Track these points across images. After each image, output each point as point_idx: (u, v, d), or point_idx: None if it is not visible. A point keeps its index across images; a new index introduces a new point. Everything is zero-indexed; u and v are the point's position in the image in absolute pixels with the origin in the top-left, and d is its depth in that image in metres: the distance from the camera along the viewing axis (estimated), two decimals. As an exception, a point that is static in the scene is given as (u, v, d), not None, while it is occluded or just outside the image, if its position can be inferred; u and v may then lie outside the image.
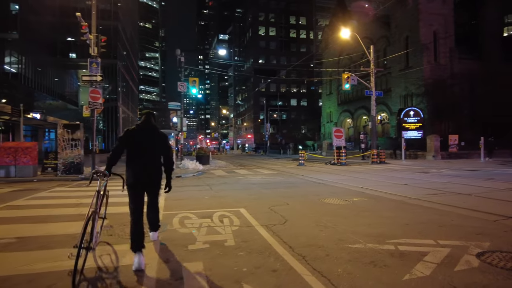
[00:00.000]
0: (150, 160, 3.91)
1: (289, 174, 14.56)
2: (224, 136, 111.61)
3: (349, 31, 22.84)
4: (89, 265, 3.33)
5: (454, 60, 32.07)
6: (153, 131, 4.08)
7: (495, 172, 13.49)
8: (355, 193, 8.43)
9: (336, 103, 50.75)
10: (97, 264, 3.51)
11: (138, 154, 3.85)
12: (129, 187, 3.78)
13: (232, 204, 6.81)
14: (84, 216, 3.52)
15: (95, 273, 3.30)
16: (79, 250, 3.01)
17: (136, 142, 3.89)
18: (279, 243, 4.08)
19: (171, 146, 4.44)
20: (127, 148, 3.88)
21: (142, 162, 3.86)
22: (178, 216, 5.66)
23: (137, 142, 3.89)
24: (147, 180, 3.88)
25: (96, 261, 3.58)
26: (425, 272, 3.13)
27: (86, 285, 3.04)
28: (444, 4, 32.31)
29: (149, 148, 3.94)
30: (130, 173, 3.82)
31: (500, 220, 5.21)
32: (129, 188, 3.78)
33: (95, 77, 14.38)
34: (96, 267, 3.43)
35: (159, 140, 4.05)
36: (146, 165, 3.86)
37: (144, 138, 3.96)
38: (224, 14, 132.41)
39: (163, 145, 4.07)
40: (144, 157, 3.88)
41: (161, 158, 4.09)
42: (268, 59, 79.45)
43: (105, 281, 3.14)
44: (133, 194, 3.78)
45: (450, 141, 25.14)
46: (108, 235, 4.55)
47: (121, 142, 3.87)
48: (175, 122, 22.71)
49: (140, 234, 3.62)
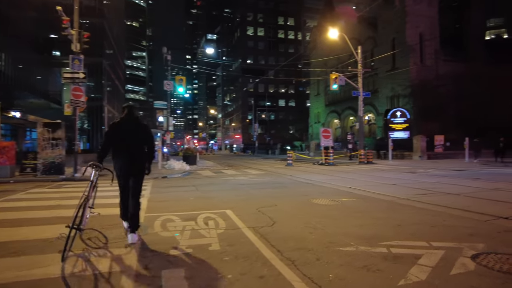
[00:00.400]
0: (135, 151, 4.30)
1: (277, 174, 14.39)
2: (212, 136, 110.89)
3: (337, 32, 22.86)
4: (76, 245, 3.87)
5: (440, 61, 32.56)
6: (136, 123, 4.43)
7: (480, 172, 13.62)
8: (344, 193, 8.30)
9: (324, 104, 50.97)
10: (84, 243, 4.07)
11: (124, 146, 4.24)
12: (118, 176, 4.31)
13: (218, 206, 6.54)
14: (63, 219, 4.32)
15: (81, 250, 3.83)
16: (71, 229, 3.54)
17: (121, 135, 4.26)
18: (267, 246, 3.86)
19: (153, 135, 4.81)
20: (114, 141, 4.26)
21: (128, 153, 4.25)
22: (160, 219, 5.37)
23: (123, 135, 4.26)
24: (133, 169, 4.28)
25: (83, 241, 4.11)
26: (420, 276, 2.96)
27: (74, 260, 3.54)
28: (430, 6, 32.77)
29: (134, 139, 4.31)
30: (117, 164, 4.26)
31: (491, 220, 5.13)
32: (118, 178, 4.32)
33: (77, 74, 13.88)
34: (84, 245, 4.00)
35: (142, 131, 4.42)
36: (131, 156, 4.25)
37: (128, 130, 4.31)
38: (212, 13, 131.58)
39: (146, 135, 4.45)
40: (130, 148, 4.26)
41: (145, 148, 4.44)
42: (257, 59, 79.33)
43: (89, 257, 3.66)
44: (121, 182, 4.33)
45: (436, 141, 25.45)
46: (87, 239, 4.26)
47: (108, 137, 4.27)
48: (161, 121, 22.28)
49: (126, 209, 4.30)
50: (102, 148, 4.27)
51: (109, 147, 4.27)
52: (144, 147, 4.43)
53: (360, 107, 22.56)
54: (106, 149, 4.26)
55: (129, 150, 4.25)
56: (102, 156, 4.17)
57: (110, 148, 4.27)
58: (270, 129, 71.13)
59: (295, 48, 78.92)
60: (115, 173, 4.31)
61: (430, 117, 27.62)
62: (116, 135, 4.26)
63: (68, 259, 3.50)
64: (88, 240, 4.21)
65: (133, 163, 4.26)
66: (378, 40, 36.09)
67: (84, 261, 3.50)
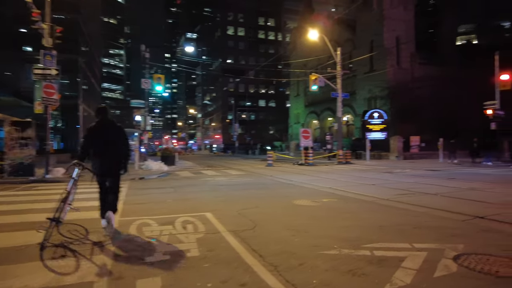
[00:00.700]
0: (111, 152, 4.66)
1: (258, 174, 14.27)
2: (192, 136, 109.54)
3: (316, 33, 23.02)
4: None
5: (415, 64, 33.48)
6: (112, 125, 4.81)
7: (455, 172, 14.03)
8: (325, 194, 8.28)
9: (304, 105, 51.37)
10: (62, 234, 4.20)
11: (101, 147, 4.61)
12: (95, 174, 4.67)
13: (197, 208, 6.33)
14: (35, 224, 4.49)
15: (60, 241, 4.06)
16: (52, 221, 3.92)
17: (98, 138, 4.63)
18: (249, 251, 3.71)
19: (127, 136, 5.08)
20: (92, 143, 4.63)
21: (105, 154, 4.63)
22: (136, 223, 5.10)
23: (99, 138, 4.63)
24: (110, 169, 4.70)
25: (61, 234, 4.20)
26: (405, 280, 2.90)
27: (52, 249, 3.78)
28: (406, 10, 33.65)
29: (111, 141, 4.68)
30: (95, 165, 4.62)
31: (469, 220, 5.21)
32: (97, 176, 4.69)
33: (49, 70, 13.23)
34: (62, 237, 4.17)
35: (118, 133, 4.80)
36: (108, 157, 4.64)
37: (105, 133, 4.69)
38: (192, 12, 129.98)
39: (121, 137, 4.83)
40: (107, 150, 4.64)
41: (120, 149, 4.79)
42: (237, 59, 79.00)
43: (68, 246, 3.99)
44: (100, 180, 4.72)
45: (411, 142, 26.12)
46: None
47: (87, 139, 4.66)
48: (139, 121, 21.67)
49: (104, 209, 4.69)
50: (81, 151, 4.64)
51: (88, 148, 4.63)
52: (119, 148, 4.77)
53: (339, 108, 22.83)
54: (85, 151, 4.63)
55: (105, 151, 4.63)
56: (83, 158, 4.53)
57: (89, 149, 4.63)
58: (250, 129, 70.98)
59: (276, 49, 79.15)
60: (94, 172, 4.68)
61: (406, 118, 28.33)
62: (93, 138, 4.64)
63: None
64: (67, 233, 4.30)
65: (110, 164, 4.67)
66: (356, 43, 36.70)
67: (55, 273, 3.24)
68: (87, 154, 4.61)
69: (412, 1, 34.04)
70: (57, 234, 4.10)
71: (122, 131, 4.86)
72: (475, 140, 18.96)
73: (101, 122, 4.73)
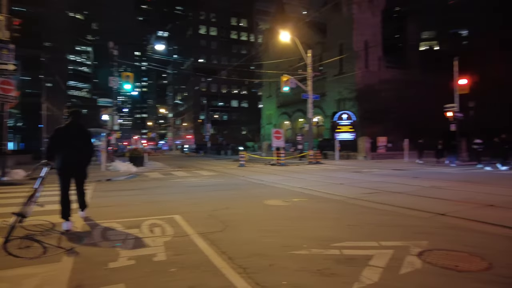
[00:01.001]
0: (77, 154, 4.91)
1: (230, 175, 14.16)
2: (162, 137, 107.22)
3: (288, 35, 23.27)
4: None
5: (382, 68, 34.71)
6: (80, 129, 5.09)
7: (418, 171, 14.66)
8: (296, 193, 8.34)
9: (276, 106, 51.77)
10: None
11: (67, 149, 4.80)
12: (59, 174, 4.83)
13: (166, 211, 6.13)
14: None
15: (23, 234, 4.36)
16: (17, 215, 4.14)
17: (66, 139, 4.84)
18: (218, 254, 3.63)
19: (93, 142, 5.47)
20: (59, 144, 4.80)
21: (71, 156, 4.83)
22: (100, 227, 4.86)
23: (67, 139, 4.85)
24: (75, 170, 4.96)
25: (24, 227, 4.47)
26: (373, 278, 2.95)
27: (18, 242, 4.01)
28: (374, 16, 34.80)
29: (77, 143, 4.91)
30: (61, 164, 4.78)
31: (431, 217, 5.42)
32: (59, 175, 4.84)
33: (5, 65, 12.38)
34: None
35: (85, 137, 5.11)
36: (74, 158, 4.87)
37: (72, 135, 4.92)
38: (164, 10, 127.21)
39: (88, 141, 5.17)
40: (73, 152, 4.85)
41: (86, 151, 5.10)
42: (209, 59, 78.27)
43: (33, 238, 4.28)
44: (62, 180, 4.85)
45: (378, 142, 27.03)
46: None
47: (53, 141, 4.84)
48: (106, 120, 20.86)
49: (66, 208, 4.76)
50: (48, 151, 4.81)
51: (55, 149, 4.80)
52: (85, 150, 5.09)
53: (310, 110, 23.20)
54: (52, 151, 4.81)
55: (71, 152, 4.84)
56: (51, 157, 4.75)
57: (56, 150, 4.80)
58: (223, 129, 70.55)
59: (248, 50, 79.29)
60: (57, 172, 4.85)
61: (374, 119, 29.28)
62: (61, 139, 4.83)
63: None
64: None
65: (75, 165, 4.96)
66: (327, 45, 37.47)
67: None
68: (53, 155, 4.77)
69: (379, 7, 35.27)
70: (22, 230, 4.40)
71: (89, 135, 5.25)
72: (440, 142, 19.91)
73: (71, 124, 5.00)
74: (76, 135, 4.96)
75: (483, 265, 3.26)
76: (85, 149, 5.06)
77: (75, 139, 4.91)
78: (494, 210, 5.94)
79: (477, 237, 4.23)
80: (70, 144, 4.83)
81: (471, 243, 3.95)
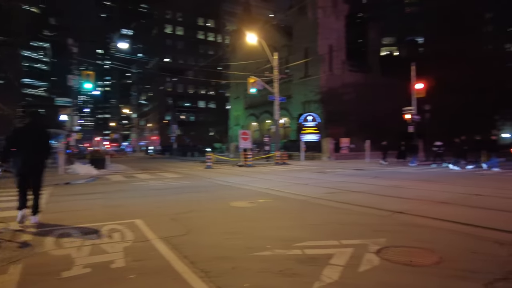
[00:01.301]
0: (34, 155, 4.84)
1: (196, 177, 13.96)
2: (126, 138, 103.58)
3: (254, 37, 23.40)
4: None
5: (346, 71, 35.89)
6: (39, 130, 5.04)
7: (379, 171, 15.30)
8: (261, 194, 8.38)
9: (243, 107, 51.84)
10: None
11: (24, 149, 4.72)
12: (16, 174, 4.78)
13: (126, 215, 5.90)
14: None
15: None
16: None
17: (23, 140, 4.75)
18: (179, 258, 3.54)
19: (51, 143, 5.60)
20: (16, 144, 4.72)
21: (28, 156, 4.75)
22: (55, 234, 4.58)
23: (25, 140, 4.76)
24: (31, 170, 4.88)
25: None
26: (333, 277, 3.01)
27: None
28: (338, 21, 35.91)
29: (34, 144, 4.84)
30: (17, 164, 4.72)
31: (389, 215, 5.66)
32: (16, 175, 4.80)
33: None
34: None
35: (43, 138, 5.05)
36: (31, 159, 4.79)
37: (30, 136, 4.83)
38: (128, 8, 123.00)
39: (45, 142, 5.10)
40: (30, 152, 4.77)
41: (43, 152, 5.06)
42: (175, 59, 76.74)
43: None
44: (19, 179, 4.83)
45: (341, 143, 27.91)
46: None
47: (9, 141, 4.74)
48: (64, 120, 19.79)
49: (23, 202, 4.85)
50: (4, 151, 4.74)
51: (11, 149, 4.70)
52: (43, 150, 5.04)
53: (276, 111, 23.48)
54: (8, 151, 4.73)
55: (28, 154, 4.76)
56: (5, 158, 4.74)
57: (12, 150, 4.70)
58: (189, 130, 69.39)
59: (215, 50, 78.72)
60: (14, 172, 4.81)
61: (337, 121, 30.23)
62: (17, 139, 4.76)
63: None
64: None
65: (32, 167, 4.89)
66: (293, 48, 38.13)
67: None
68: (9, 156, 4.73)
69: (343, 12, 36.46)
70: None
71: (48, 136, 5.21)
72: (403, 143, 20.90)
73: (30, 125, 4.97)
74: (34, 136, 4.89)
75: (434, 259, 3.45)
76: (42, 151, 5.02)
77: (33, 140, 4.84)
78: (446, 206, 6.32)
79: (430, 233, 4.47)
80: (27, 145, 4.75)
81: (425, 238, 4.18)
